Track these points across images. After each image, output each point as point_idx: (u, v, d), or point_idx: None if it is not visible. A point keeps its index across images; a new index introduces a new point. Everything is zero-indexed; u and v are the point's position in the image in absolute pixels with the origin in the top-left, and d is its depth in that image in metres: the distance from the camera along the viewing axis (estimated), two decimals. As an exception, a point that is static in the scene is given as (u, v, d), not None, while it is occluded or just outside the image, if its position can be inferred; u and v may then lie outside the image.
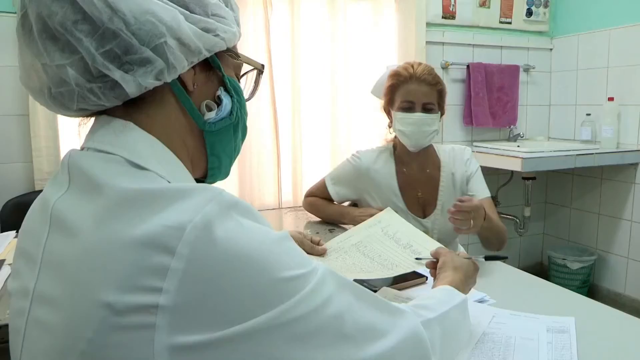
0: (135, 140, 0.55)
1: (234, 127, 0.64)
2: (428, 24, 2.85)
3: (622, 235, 2.92)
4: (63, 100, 0.54)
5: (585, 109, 3.04)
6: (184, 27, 0.54)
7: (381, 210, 1.44)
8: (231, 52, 0.63)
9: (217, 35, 0.58)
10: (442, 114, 1.59)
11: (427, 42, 2.84)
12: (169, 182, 0.53)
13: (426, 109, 1.54)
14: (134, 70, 0.52)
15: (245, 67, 0.68)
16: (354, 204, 1.76)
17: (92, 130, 0.57)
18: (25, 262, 0.55)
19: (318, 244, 1.34)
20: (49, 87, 0.54)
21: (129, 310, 0.44)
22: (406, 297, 1.04)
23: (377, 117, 2.06)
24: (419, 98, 1.54)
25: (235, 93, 0.63)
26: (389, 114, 1.61)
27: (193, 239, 0.45)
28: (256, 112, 2.51)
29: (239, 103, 0.64)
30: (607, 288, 3.02)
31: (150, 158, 0.54)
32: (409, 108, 1.55)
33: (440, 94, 1.57)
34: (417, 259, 1.09)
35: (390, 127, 1.62)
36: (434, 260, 0.98)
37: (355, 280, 1.10)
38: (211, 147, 0.62)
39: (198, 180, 0.65)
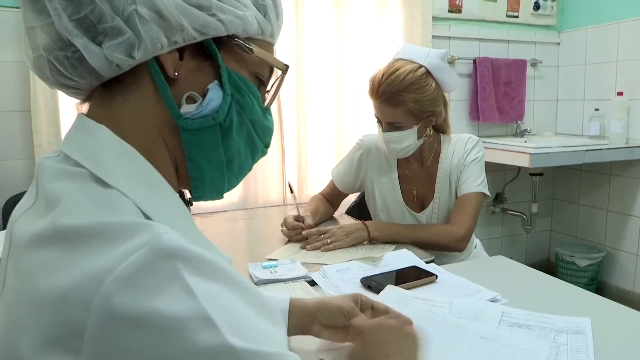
0: (104, 147, 0.49)
1: (224, 130, 0.54)
2: (434, 18, 2.81)
3: (631, 232, 2.87)
4: (41, 68, 0.51)
5: (594, 104, 2.99)
6: None
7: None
8: (238, 42, 0.53)
9: (213, 15, 0.50)
10: (429, 122, 1.45)
11: (433, 36, 2.80)
12: (135, 201, 0.46)
13: (395, 127, 1.42)
14: (104, 43, 0.47)
15: (276, 72, 0.59)
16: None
17: (71, 128, 0.53)
18: None
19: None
20: (29, 53, 0.51)
21: None
22: (413, 296, 1.01)
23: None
24: (383, 117, 1.44)
25: (235, 90, 0.54)
26: None
27: (111, 293, 0.38)
28: (260, 108, 2.48)
29: (239, 103, 0.55)
30: (616, 285, 2.98)
31: (116, 170, 0.48)
32: (378, 121, 1.47)
33: (411, 112, 1.39)
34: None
35: None
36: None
37: (362, 279, 1.10)
38: (188, 150, 0.54)
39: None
